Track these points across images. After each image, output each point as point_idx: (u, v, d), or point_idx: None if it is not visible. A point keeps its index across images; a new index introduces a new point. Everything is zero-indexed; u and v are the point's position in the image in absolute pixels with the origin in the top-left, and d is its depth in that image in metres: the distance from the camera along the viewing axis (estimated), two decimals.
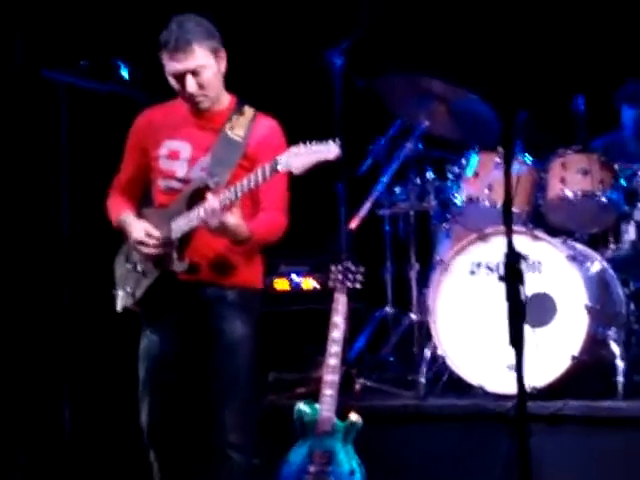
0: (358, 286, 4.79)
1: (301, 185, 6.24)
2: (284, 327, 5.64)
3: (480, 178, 5.30)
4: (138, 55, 4.25)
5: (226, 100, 4.10)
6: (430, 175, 5.51)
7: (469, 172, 5.36)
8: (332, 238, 5.64)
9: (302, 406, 4.61)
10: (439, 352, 5.06)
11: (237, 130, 4.02)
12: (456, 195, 5.35)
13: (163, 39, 3.97)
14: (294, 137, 3.84)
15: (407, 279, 5.56)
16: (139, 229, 4.01)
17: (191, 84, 3.96)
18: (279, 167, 3.77)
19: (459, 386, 5.04)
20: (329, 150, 3.77)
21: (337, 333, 4.65)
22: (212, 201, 3.82)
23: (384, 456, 4.83)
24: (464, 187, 5.35)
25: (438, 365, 5.15)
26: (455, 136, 5.56)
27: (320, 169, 5.94)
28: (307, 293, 5.75)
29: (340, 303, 4.70)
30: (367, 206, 5.31)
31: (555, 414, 4.68)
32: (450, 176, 5.44)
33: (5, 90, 5.75)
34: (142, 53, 4.13)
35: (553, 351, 4.81)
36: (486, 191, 5.25)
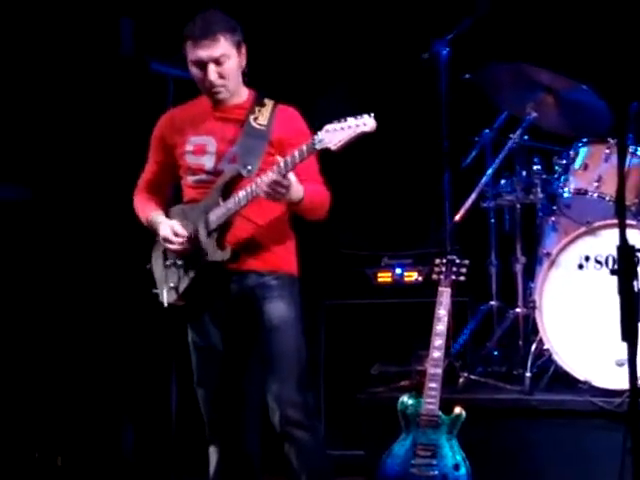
0: (462, 279, 4.77)
1: (407, 177, 6.24)
2: (387, 320, 5.63)
3: (589, 170, 5.21)
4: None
5: (245, 94, 4.20)
6: (537, 167, 5.42)
7: (577, 164, 5.28)
8: (437, 231, 5.61)
9: (406, 399, 4.61)
10: (545, 346, 4.99)
11: (260, 120, 4.12)
12: (564, 188, 5.27)
13: (188, 30, 4.09)
14: (399, 127, 3.82)
15: (512, 273, 5.48)
16: (166, 227, 4.14)
17: (213, 72, 4.06)
18: (317, 145, 3.86)
19: (565, 381, 4.96)
20: (365, 123, 3.82)
21: (441, 326, 4.64)
22: (272, 173, 3.90)
23: (489, 451, 4.79)
24: (572, 179, 5.27)
25: (544, 360, 5.09)
26: (563, 127, 5.47)
27: (425, 161, 5.94)
28: (410, 286, 5.73)
29: (444, 296, 4.69)
30: (472, 198, 5.25)
31: None
32: (557, 168, 5.36)
33: (113, 80, 5.86)
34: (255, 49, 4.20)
35: None
36: (595, 183, 5.15)
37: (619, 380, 4.64)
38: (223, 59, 4.06)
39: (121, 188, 4.46)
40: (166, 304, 4.19)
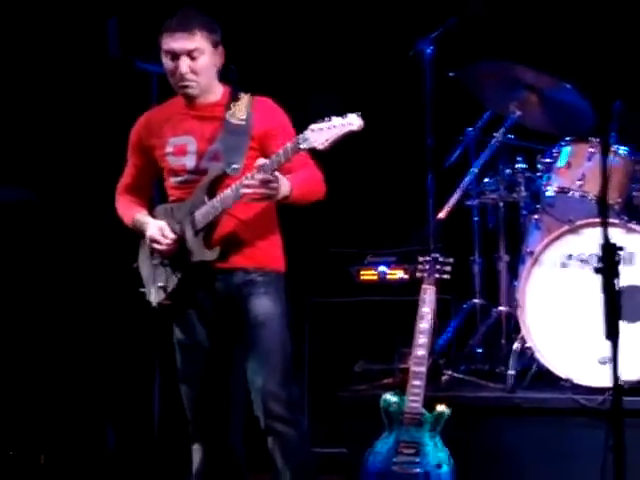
0: (446, 277, 4.77)
1: (390, 175, 6.24)
2: (371, 318, 5.63)
3: (572, 169, 5.22)
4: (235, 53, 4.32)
5: (220, 92, 4.17)
6: (520, 166, 5.44)
7: (561, 163, 5.29)
8: (420, 229, 5.62)
9: (389, 396, 4.61)
10: (528, 344, 5.00)
11: (238, 115, 4.10)
12: (547, 186, 5.28)
13: (167, 23, 4.09)
14: (383, 125, 3.81)
15: (496, 271, 5.50)
16: (154, 227, 4.12)
17: (184, 65, 4.04)
18: (302, 145, 3.84)
19: (548, 379, 4.98)
20: (351, 122, 3.80)
21: (425, 324, 4.64)
22: (257, 174, 3.87)
23: (472, 448, 4.80)
24: (555, 178, 5.28)
25: (526, 357, 5.10)
26: (547, 126, 5.48)
27: (409, 160, 5.94)
28: (394, 284, 5.73)
29: (428, 294, 4.69)
30: (456, 197, 5.26)
31: None
32: (541, 167, 5.37)
33: (105, 81, 5.86)
34: (237, 50, 4.19)
35: None
36: (578, 182, 5.16)
37: (601, 378, 4.65)
38: (197, 54, 4.05)
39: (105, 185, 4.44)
40: (155, 304, 4.18)
